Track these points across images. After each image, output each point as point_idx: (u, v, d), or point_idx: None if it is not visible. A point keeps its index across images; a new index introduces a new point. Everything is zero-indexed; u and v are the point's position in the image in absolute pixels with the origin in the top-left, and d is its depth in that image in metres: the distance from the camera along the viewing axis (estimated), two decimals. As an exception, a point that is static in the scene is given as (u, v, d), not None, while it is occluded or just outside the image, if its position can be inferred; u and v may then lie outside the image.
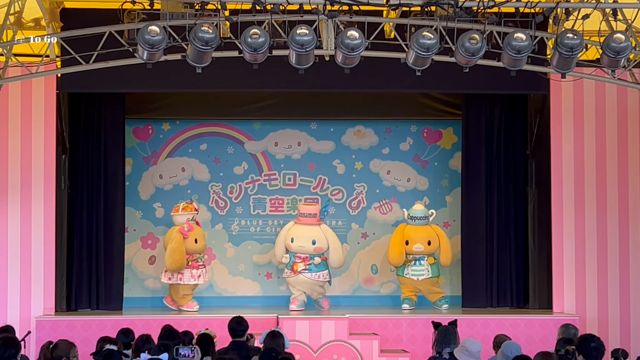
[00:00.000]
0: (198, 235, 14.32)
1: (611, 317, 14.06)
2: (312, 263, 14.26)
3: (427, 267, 14.48)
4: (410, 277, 14.45)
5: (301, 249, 14.33)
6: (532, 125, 14.91)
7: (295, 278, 14.30)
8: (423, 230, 14.57)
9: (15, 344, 7.39)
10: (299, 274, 14.24)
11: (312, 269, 14.26)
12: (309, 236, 14.37)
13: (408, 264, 14.51)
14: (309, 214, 14.55)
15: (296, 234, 14.42)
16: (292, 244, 14.38)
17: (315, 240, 14.35)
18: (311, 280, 14.27)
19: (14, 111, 13.77)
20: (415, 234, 14.51)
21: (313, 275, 14.26)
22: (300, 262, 14.26)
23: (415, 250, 14.44)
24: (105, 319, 13.32)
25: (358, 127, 15.71)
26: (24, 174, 13.74)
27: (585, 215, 14.20)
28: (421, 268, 14.47)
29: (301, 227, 14.49)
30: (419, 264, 14.47)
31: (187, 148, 15.51)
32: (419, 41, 10.15)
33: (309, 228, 14.47)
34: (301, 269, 14.23)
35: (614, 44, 10.23)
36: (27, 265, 13.68)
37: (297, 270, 14.24)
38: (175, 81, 13.28)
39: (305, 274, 14.25)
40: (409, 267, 14.49)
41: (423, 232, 14.55)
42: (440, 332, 8.62)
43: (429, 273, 14.47)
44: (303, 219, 14.56)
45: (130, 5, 10.58)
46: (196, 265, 14.25)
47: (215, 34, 9.99)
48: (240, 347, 8.87)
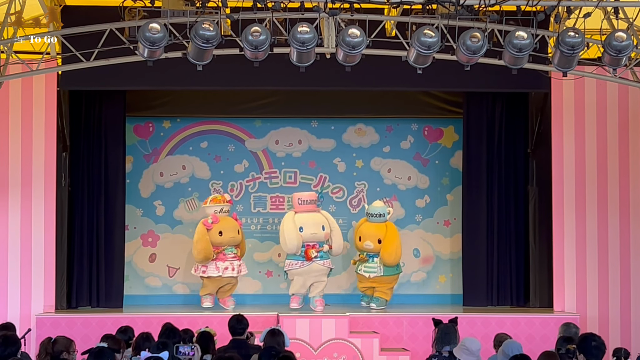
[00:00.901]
0: (224, 227, 14.08)
1: (612, 315, 14.05)
2: (322, 250, 14.09)
3: (379, 265, 14.33)
4: (362, 273, 14.26)
5: (314, 236, 13.96)
6: (533, 124, 14.91)
7: (308, 267, 13.90)
8: (376, 227, 14.27)
9: (15, 341, 7.39)
10: (313, 261, 13.90)
11: (322, 256, 14.04)
12: (317, 222, 14.06)
13: (361, 261, 14.38)
14: (310, 200, 14.22)
15: (304, 223, 14.02)
16: (302, 232, 13.93)
17: (324, 226, 14.10)
18: (323, 267, 13.94)
19: (14, 108, 13.77)
20: (368, 231, 14.26)
21: (325, 262, 14.03)
22: (313, 249, 13.95)
23: (366, 247, 14.21)
24: (106, 317, 13.31)
25: (359, 125, 15.70)
26: (25, 171, 13.74)
27: (586, 213, 14.19)
28: (373, 265, 14.25)
29: (306, 215, 14.10)
30: (372, 261, 14.29)
31: (187, 146, 15.51)
32: (420, 39, 10.14)
33: (314, 215, 14.16)
34: (314, 256, 13.89)
35: (615, 43, 10.22)
36: (27, 262, 13.69)
37: (311, 257, 13.85)
38: (176, 79, 13.28)
39: (317, 261, 13.92)
40: (362, 264, 14.33)
41: (376, 229, 14.25)
42: (440, 330, 8.59)
43: (381, 271, 14.26)
44: (303, 207, 14.17)
45: (131, 2, 10.57)
46: (223, 258, 14.06)
47: (216, 32, 9.98)
48: (240, 346, 8.86)
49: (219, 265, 14.03)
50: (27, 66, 12.02)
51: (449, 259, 15.61)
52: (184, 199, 15.44)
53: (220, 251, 14.08)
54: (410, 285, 15.56)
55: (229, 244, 14.14)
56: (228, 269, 14.06)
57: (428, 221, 15.68)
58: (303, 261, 13.95)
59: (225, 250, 14.11)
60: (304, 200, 14.23)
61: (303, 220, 14.06)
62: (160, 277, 15.35)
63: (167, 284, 15.36)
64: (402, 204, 15.59)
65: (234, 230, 14.23)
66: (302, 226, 14.01)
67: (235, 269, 14.10)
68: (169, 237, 15.40)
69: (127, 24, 11.13)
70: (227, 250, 14.13)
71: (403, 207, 15.60)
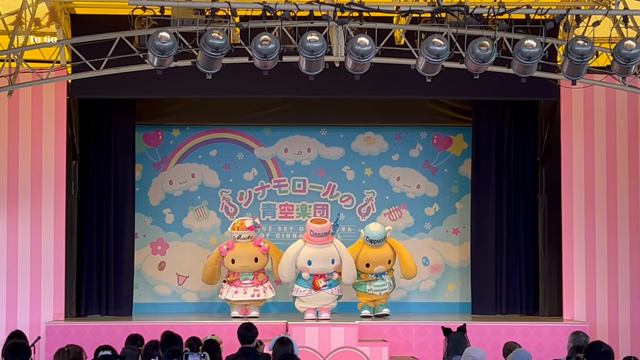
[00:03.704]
0: (237, 255, 14.09)
1: (622, 324, 14.01)
2: (331, 278, 14.05)
3: (388, 282, 14.31)
4: (373, 292, 14.24)
5: (322, 270, 13.88)
6: (542, 132, 14.89)
7: (316, 295, 13.89)
8: (381, 251, 14.23)
9: (25, 349, 7.39)
10: (321, 290, 13.92)
11: (331, 284, 14.00)
12: (327, 257, 13.91)
13: (370, 281, 14.25)
14: (323, 233, 13.99)
15: (313, 257, 13.89)
16: (311, 266, 13.84)
17: (334, 259, 13.96)
18: (331, 295, 13.93)
19: (24, 117, 13.81)
20: (376, 257, 14.16)
21: (334, 290, 13.99)
22: (321, 279, 13.91)
23: (377, 271, 14.21)
24: (115, 325, 13.32)
25: (368, 133, 15.71)
26: (35, 179, 13.77)
27: (595, 222, 14.16)
28: (383, 283, 14.24)
29: (315, 249, 13.93)
30: (382, 280, 14.26)
31: (197, 154, 15.53)
32: (429, 48, 10.15)
33: (324, 249, 13.97)
34: (322, 285, 13.89)
35: (624, 51, 10.22)
36: (37, 270, 13.71)
37: (319, 287, 13.86)
38: (185, 87, 13.30)
39: (326, 290, 13.91)
40: (371, 284, 14.24)
41: (382, 253, 14.22)
42: (451, 339, 8.60)
43: (391, 287, 14.34)
44: (315, 239, 13.98)
45: (140, 11, 10.59)
46: (237, 284, 14.09)
47: (225, 40, 10.01)
48: (250, 354, 8.85)
49: (232, 290, 14.13)
50: (37, 75, 12.05)
51: (458, 267, 15.59)
52: (193, 207, 15.47)
53: (236, 278, 14.15)
54: (419, 293, 15.55)
55: (242, 271, 14.16)
56: (239, 292, 14.08)
57: (437, 229, 15.67)
58: (310, 289, 13.93)
59: (240, 277, 14.16)
60: (317, 234, 13.99)
61: (312, 254, 13.92)
62: (170, 285, 15.36)
63: (177, 292, 15.37)
64: (411, 212, 15.59)
65: (249, 259, 14.15)
66: (311, 260, 13.90)
67: (248, 293, 14.08)
68: (178, 245, 15.42)
69: (137, 32, 11.16)
70: (242, 277, 14.16)
71: (412, 216, 15.59)
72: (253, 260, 14.16)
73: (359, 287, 14.32)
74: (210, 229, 15.42)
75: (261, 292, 14.17)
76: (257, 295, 14.12)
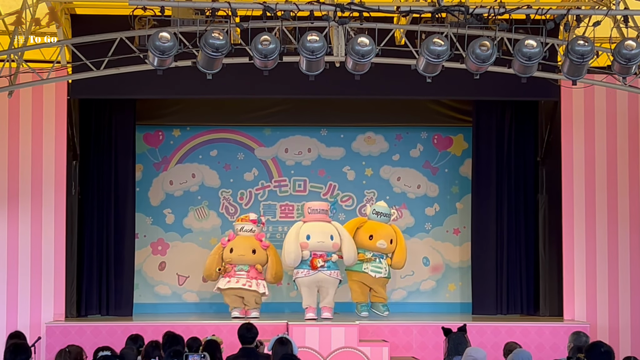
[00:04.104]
0: (236, 245, 14.07)
1: (622, 324, 14.01)
2: (330, 260, 13.98)
3: (385, 267, 14.24)
4: (369, 272, 14.07)
5: (321, 245, 13.79)
6: (542, 132, 14.89)
7: (314, 276, 13.76)
8: (387, 227, 14.25)
9: (25, 349, 7.39)
10: (319, 270, 13.80)
11: (330, 266, 13.95)
12: (325, 231, 13.88)
13: (368, 260, 14.19)
14: (320, 209, 14.12)
15: (311, 231, 13.89)
16: (309, 240, 13.78)
17: (332, 236, 13.90)
18: (330, 277, 13.79)
19: (24, 117, 13.82)
20: (381, 230, 14.16)
21: (332, 272, 13.90)
22: (319, 258, 13.81)
23: (379, 246, 14.10)
24: (115, 325, 13.32)
25: (368, 133, 15.71)
26: (35, 179, 13.78)
27: (596, 222, 14.16)
28: (380, 266, 14.15)
29: (314, 224, 14.00)
30: (379, 262, 14.19)
31: (197, 154, 15.54)
32: (429, 48, 10.15)
33: (322, 224, 14.00)
34: (320, 265, 13.79)
35: (625, 51, 10.21)
36: (37, 270, 13.71)
37: (316, 266, 13.73)
38: (185, 87, 13.31)
39: (324, 270, 13.79)
40: (369, 263, 14.14)
41: (387, 229, 14.24)
42: (452, 340, 8.60)
43: (386, 273, 14.20)
44: (313, 216, 14.08)
45: (141, 11, 10.59)
46: (231, 274, 14.03)
47: (225, 41, 10.01)
48: (250, 354, 8.86)
49: (225, 280, 14.06)
50: (38, 75, 12.05)
51: (459, 268, 15.59)
52: (193, 208, 15.47)
53: (231, 269, 14.11)
54: (420, 293, 15.55)
55: (239, 261, 14.09)
56: (231, 282, 13.99)
57: (437, 229, 15.68)
58: (309, 270, 13.85)
59: (236, 268, 14.12)
60: (314, 209, 14.16)
61: (311, 229, 13.95)
62: (170, 285, 15.37)
63: (177, 292, 15.38)
64: (412, 212, 15.59)
65: (247, 249, 14.12)
66: (310, 234, 13.88)
67: (240, 282, 13.98)
68: (179, 245, 15.42)
69: (137, 32, 11.16)
70: (237, 268, 14.12)
71: (412, 216, 15.60)
72: (251, 251, 14.10)
73: (355, 267, 14.14)
74: (210, 229, 15.42)
75: (254, 285, 14.02)
76: (249, 286, 13.97)
